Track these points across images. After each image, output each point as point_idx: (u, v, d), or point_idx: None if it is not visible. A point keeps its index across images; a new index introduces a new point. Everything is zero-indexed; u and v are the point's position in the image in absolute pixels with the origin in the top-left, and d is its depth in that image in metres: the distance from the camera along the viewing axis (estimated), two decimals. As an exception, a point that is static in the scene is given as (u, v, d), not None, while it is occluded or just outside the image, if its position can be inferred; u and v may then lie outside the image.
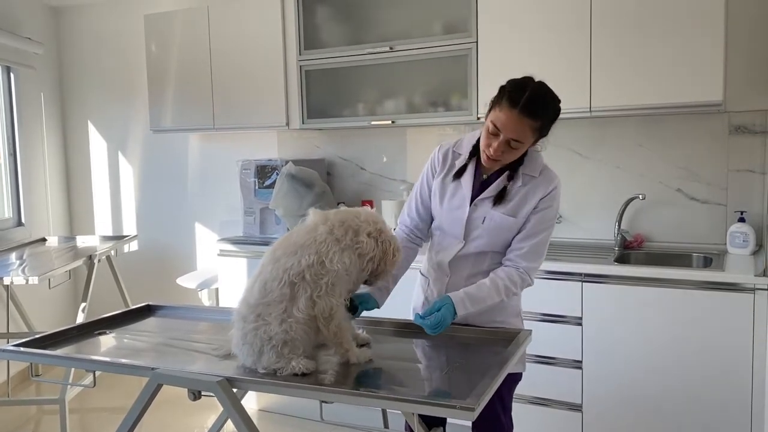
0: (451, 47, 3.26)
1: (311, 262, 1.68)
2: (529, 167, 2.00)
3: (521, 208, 1.97)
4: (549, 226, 2.00)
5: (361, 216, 1.78)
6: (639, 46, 2.87)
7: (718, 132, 3.12)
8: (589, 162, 3.39)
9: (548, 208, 1.98)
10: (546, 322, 2.91)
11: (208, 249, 4.43)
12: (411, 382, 1.77)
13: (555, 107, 1.94)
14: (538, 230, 1.98)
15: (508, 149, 1.90)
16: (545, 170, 2.02)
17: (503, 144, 1.89)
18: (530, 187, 1.98)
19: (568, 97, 2.99)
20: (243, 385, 1.71)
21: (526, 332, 1.99)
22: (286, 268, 1.70)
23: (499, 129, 1.88)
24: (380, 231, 1.77)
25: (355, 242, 1.73)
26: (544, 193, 1.98)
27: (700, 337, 2.65)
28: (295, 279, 1.69)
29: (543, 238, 1.99)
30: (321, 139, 4.09)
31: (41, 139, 4.70)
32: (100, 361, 1.93)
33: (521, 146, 1.91)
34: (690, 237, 3.20)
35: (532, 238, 1.97)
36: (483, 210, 2.00)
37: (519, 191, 1.98)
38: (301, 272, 1.69)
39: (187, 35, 4.02)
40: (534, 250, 1.98)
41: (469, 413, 1.41)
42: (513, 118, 1.86)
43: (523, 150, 1.95)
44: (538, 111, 1.87)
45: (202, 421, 3.66)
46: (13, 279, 3.23)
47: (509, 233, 1.99)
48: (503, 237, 2.00)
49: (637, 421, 2.78)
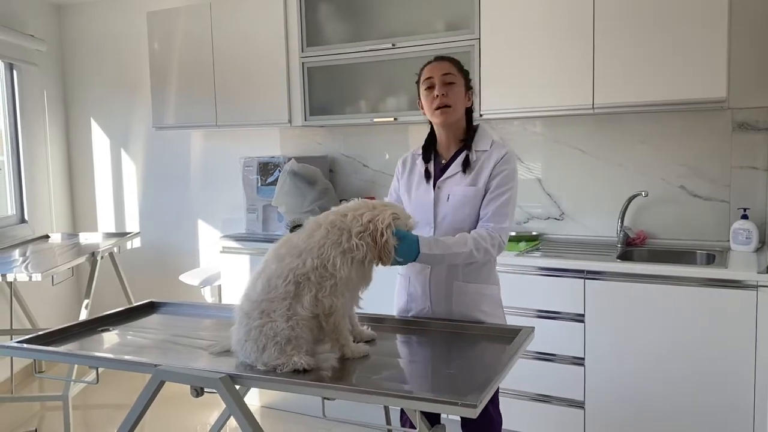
0: (454, 44, 3.25)
1: (315, 265, 1.72)
2: (480, 144, 2.17)
3: (480, 177, 2.11)
4: (509, 188, 2.10)
5: (348, 215, 1.79)
6: (642, 42, 2.87)
7: (722, 129, 3.11)
8: (591, 159, 3.39)
9: (505, 171, 2.11)
10: (548, 319, 2.91)
11: (211, 246, 4.44)
12: (413, 379, 1.78)
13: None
14: (499, 193, 2.09)
15: (448, 87, 2.11)
16: (495, 143, 2.19)
17: (442, 85, 2.10)
18: (485, 158, 2.14)
19: (571, 93, 3.04)
20: (246, 381, 1.71)
21: (528, 329, 1.99)
22: (291, 267, 1.72)
23: (431, 77, 2.12)
24: (368, 223, 1.78)
25: (348, 247, 1.75)
26: (498, 158, 2.12)
27: (702, 334, 2.64)
28: (300, 279, 1.72)
29: (505, 199, 2.09)
30: (323, 136, 4.09)
31: (44, 137, 4.70)
32: (103, 358, 1.94)
33: (455, 80, 2.12)
34: (693, 234, 3.20)
35: (495, 201, 2.09)
36: (446, 189, 2.14)
37: (475, 165, 2.14)
38: (306, 273, 1.72)
39: (189, 32, 4.02)
40: (499, 212, 2.08)
41: (471, 410, 1.41)
42: (436, 64, 2.15)
43: (461, 89, 2.13)
44: (450, 58, 2.19)
45: (205, 417, 3.67)
46: (17, 276, 3.25)
47: (474, 205, 2.11)
48: (468, 210, 2.11)
49: (640, 418, 2.78)
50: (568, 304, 2.88)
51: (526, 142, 3.54)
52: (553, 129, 3.46)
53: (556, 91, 3.05)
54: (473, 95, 2.20)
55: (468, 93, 2.17)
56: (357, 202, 1.85)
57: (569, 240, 3.41)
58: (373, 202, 1.85)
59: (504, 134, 3.57)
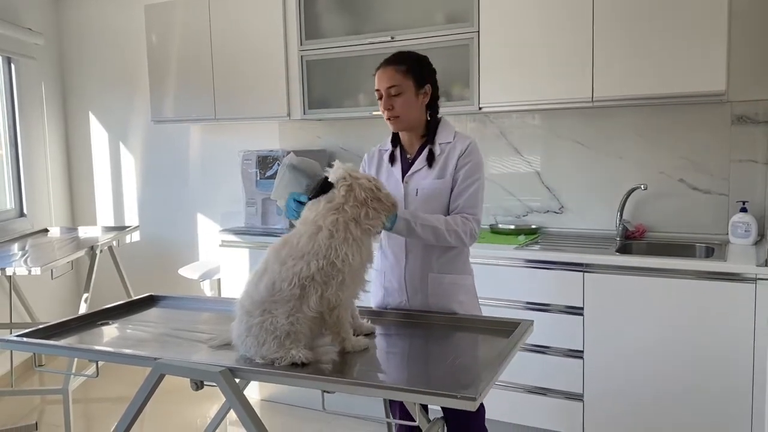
0: (453, 37, 3.24)
1: (321, 265, 1.72)
2: (443, 136, 2.18)
3: (446, 170, 2.13)
4: (476, 179, 2.12)
5: (334, 199, 1.79)
6: (641, 35, 2.86)
7: (721, 122, 3.11)
8: (590, 152, 3.38)
9: (469, 162, 2.13)
10: (547, 312, 2.92)
11: (210, 240, 4.44)
12: (412, 372, 1.78)
13: (418, 55, 2.18)
14: (467, 185, 2.12)
15: (394, 99, 2.11)
16: (458, 134, 2.19)
17: (387, 98, 2.11)
18: (449, 150, 2.15)
19: (570, 86, 3.03)
20: (245, 374, 1.71)
21: (527, 322, 1.99)
22: (295, 271, 1.72)
23: (379, 89, 2.13)
24: (349, 186, 1.79)
25: (366, 228, 1.77)
26: (462, 149, 2.14)
27: (701, 327, 2.65)
28: (305, 282, 1.72)
29: (474, 190, 2.12)
30: (322, 130, 4.08)
31: (42, 130, 4.69)
32: (103, 351, 1.94)
33: (402, 90, 2.10)
34: (692, 227, 3.20)
35: (464, 193, 2.12)
36: (414, 183, 2.16)
37: (441, 157, 2.15)
38: (310, 275, 1.72)
39: (187, 25, 4.01)
40: (469, 204, 2.11)
41: (470, 403, 1.42)
42: (382, 73, 2.13)
43: (409, 95, 2.11)
44: (399, 58, 2.14)
45: (205, 411, 3.68)
46: (16, 269, 3.24)
47: (442, 198, 2.13)
48: (438, 202, 2.13)
49: (638, 410, 2.79)
50: (567, 297, 2.88)
51: (526, 136, 3.53)
52: (552, 122, 3.46)
53: (556, 84, 3.04)
54: (432, 87, 2.16)
55: (423, 90, 2.13)
56: (334, 193, 1.81)
57: (568, 233, 3.41)
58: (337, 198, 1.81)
59: (503, 127, 3.57)
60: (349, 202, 1.77)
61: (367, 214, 1.78)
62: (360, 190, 1.79)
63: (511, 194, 3.60)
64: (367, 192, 1.80)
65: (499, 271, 3.02)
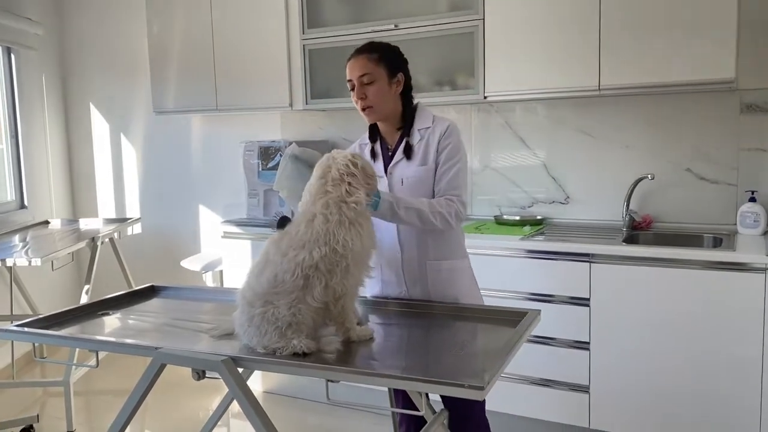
0: (457, 25, 3.20)
1: (324, 253, 1.69)
2: (421, 122, 2.16)
3: (428, 155, 2.11)
4: (458, 160, 2.10)
5: (328, 181, 1.77)
6: (649, 22, 2.81)
7: (729, 110, 3.06)
8: (597, 142, 3.34)
9: (450, 143, 2.10)
10: (553, 303, 2.88)
11: (212, 231, 4.41)
12: (418, 362, 1.75)
13: (389, 45, 2.17)
14: (449, 167, 2.09)
15: (367, 87, 2.07)
16: (436, 118, 2.17)
17: (360, 87, 2.08)
18: (429, 135, 2.13)
19: (576, 75, 2.99)
20: (248, 364, 1.69)
21: (534, 312, 1.96)
22: (298, 261, 1.69)
23: (351, 79, 2.09)
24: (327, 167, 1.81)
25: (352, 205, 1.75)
26: (441, 132, 2.11)
27: (709, 317, 2.61)
28: (309, 271, 1.68)
29: (456, 171, 2.09)
30: (324, 120, 4.05)
31: (43, 121, 4.66)
32: (104, 342, 1.91)
33: (374, 78, 2.07)
34: (700, 217, 3.16)
35: (446, 175, 2.09)
36: (398, 173, 2.14)
37: (421, 144, 2.13)
38: (314, 264, 1.68)
39: (189, 14, 3.97)
40: (452, 185, 2.09)
41: (478, 392, 1.39)
42: (353, 62, 2.10)
43: (382, 83, 2.08)
44: (370, 47, 2.13)
45: (207, 403, 3.66)
46: (16, 261, 3.22)
47: (427, 184, 2.11)
48: (424, 190, 2.10)
49: (646, 401, 2.76)
50: (573, 288, 2.85)
51: (530, 125, 3.49)
52: (557, 111, 3.41)
53: (562, 73, 3.00)
54: (404, 76, 2.14)
55: (395, 78, 2.11)
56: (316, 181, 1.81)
57: (574, 224, 3.37)
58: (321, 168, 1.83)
59: (508, 117, 3.53)
60: (329, 182, 1.77)
61: (348, 192, 1.76)
62: (335, 169, 1.78)
63: (516, 185, 3.56)
64: (342, 168, 1.78)
65: (503, 261, 2.98)
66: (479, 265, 2.33)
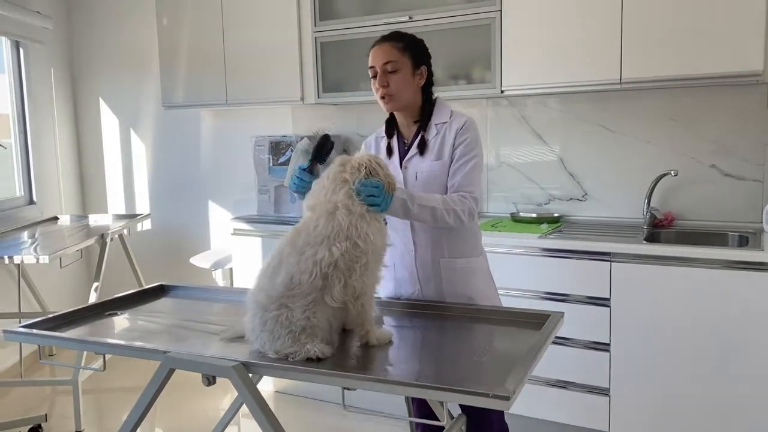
0: (474, 16, 3.11)
1: (344, 248, 1.62)
2: (439, 116, 2.11)
3: (443, 150, 2.07)
4: (474, 155, 2.05)
5: (346, 170, 1.75)
6: (673, 12, 2.72)
7: (755, 104, 2.96)
8: (617, 137, 3.25)
9: (466, 139, 2.05)
10: (572, 303, 2.80)
11: (222, 228, 4.35)
12: (438, 368, 1.67)
13: (415, 36, 2.12)
14: (464, 162, 2.05)
15: (390, 75, 2.03)
16: (454, 113, 2.12)
17: (383, 75, 2.03)
18: (445, 130, 2.09)
19: (597, 68, 2.90)
20: (259, 370, 1.62)
21: (557, 314, 1.88)
22: (316, 260, 1.61)
23: (374, 66, 2.05)
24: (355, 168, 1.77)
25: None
26: (459, 127, 2.07)
27: (734, 319, 2.52)
28: (328, 270, 1.61)
29: (471, 167, 2.05)
30: (337, 115, 3.97)
31: (52, 116, 4.62)
32: (111, 344, 1.85)
33: (398, 67, 2.03)
34: (724, 215, 3.06)
35: (461, 170, 2.05)
36: (413, 168, 2.10)
37: (437, 139, 2.09)
38: (333, 262, 1.61)
39: (199, 8, 3.90)
40: (466, 182, 2.04)
41: (504, 402, 1.31)
42: (378, 49, 2.06)
43: (406, 72, 2.04)
44: (396, 35, 2.09)
45: (217, 403, 3.61)
46: (24, 258, 3.18)
47: (441, 180, 2.06)
48: (438, 185, 2.06)
49: (667, 405, 2.67)
50: (593, 287, 2.77)
51: (547, 120, 3.40)
52: (576, 106, 3.32)
53: (583, 66, 2.91)
54: (427, 70, 2.10)
55: (419, 70, 2.07)
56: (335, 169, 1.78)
57: (593, 222, 3.28)
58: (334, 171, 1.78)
59: (524, 112, 3.44)
60: (347, 171, 1.73)
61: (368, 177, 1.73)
62: (356, 160, 1.76)
63: (532, 181, 3.47)
64: (365, 161, 1.75)
65: (520, 260, 2.90)
66: (495, 263, 2.26)
